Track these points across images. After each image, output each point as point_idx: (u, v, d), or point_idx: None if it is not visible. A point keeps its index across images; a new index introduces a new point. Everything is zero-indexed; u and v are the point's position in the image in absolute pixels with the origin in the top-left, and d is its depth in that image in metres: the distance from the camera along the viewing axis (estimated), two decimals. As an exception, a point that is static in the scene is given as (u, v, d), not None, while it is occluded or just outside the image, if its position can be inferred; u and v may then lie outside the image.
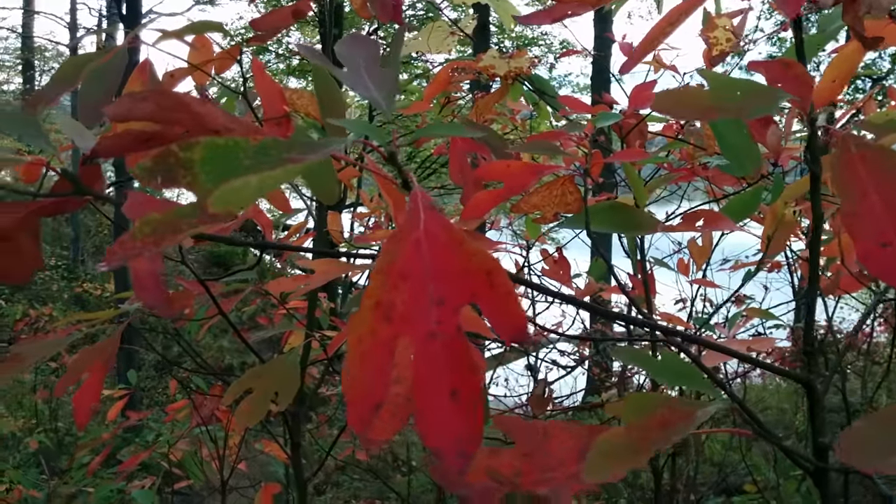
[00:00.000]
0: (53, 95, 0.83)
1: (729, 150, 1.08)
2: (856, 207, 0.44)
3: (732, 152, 1.09)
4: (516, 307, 0.40)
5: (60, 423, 5.37)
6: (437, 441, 0.38)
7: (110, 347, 0.84)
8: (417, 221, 0.43)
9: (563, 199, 1.06)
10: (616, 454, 0.42)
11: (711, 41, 1.15)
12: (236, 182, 0.35)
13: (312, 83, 0.92)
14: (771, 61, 0.57)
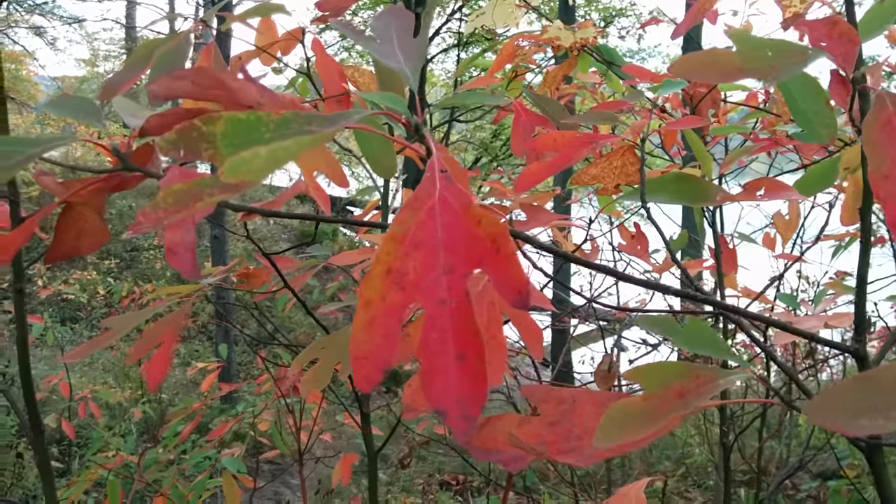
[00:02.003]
0: (127, 79, 0.87)
1: (801, 117, 1.03)
2: (890, 170, 0.42)
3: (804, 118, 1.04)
4: (519, 271, 0.40)
5: (164, 395, 5.67)
6: (443, 403, 0.39)
7: (179, 320, 0.88)
8: (433, 190, 0.44)
9: (625, 171, 1.05)
10: (630, 421, 0.42)
11: (784, 3, 1.10)
12: (247, 153, 0.37)
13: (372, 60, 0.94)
14: (816, 20, 0.55)
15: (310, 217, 0.80)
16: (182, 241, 0.45)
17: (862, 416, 0.25)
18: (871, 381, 0.26)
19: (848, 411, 0.25)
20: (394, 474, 4.49)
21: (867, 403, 0.25)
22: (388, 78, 0.96)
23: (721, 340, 0.50)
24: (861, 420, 0.25)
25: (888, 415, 0.24)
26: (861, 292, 0.62)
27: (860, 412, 0.25)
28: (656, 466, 4.66)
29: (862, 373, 0.27)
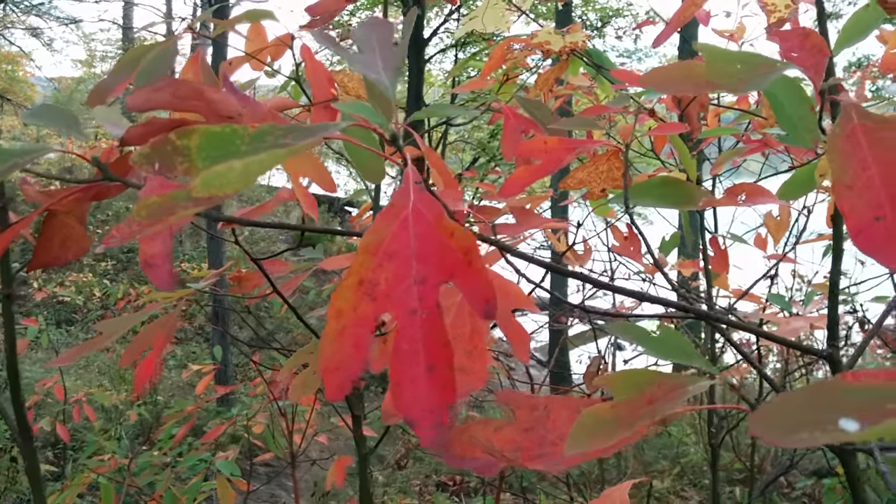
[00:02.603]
0: (114, 86, 0.88)
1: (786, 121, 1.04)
2: (853, 180, 0.43)
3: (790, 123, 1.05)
4: (488, 283, 0.41)
5: (159, 397, 5.67)
6: (413, 412, 0.39)
7: (170, 323, 0.89)
8: (407, 201, 0.45)
9: (611, 175, 1.05)
10: (600, 428, 0.43)
11: (768, 8, 1.11)
12: (220, 167, 0.38)
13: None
14: (788, 31, 0.56)
15: (292, 227, 0.80)
16: (159, 252, 0.45)
17: (801, 430, 0.25)
18: (809, 396, 0.27)
19: (788, 424, 0.26)
20: (390, 475, 4.49)
21: (807, 417, 0.26)
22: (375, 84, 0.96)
23: (691, 347, 0.51)
24: (800, 433, 0.25)
25: (826, 428, 0.25)
26: (833, 298, 0.63)
27: (799, 425, 0.25)
28: (653, 466, 4.67)
29: (802, 388, 0.28)
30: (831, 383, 0.27)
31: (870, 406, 0.26)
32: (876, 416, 0.25)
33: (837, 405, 0.26)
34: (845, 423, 0.25)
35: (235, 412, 2.65)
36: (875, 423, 0.25)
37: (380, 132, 0.51)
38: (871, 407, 0.26)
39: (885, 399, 0.26)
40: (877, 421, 0.25)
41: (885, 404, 0.26)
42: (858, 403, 0.26)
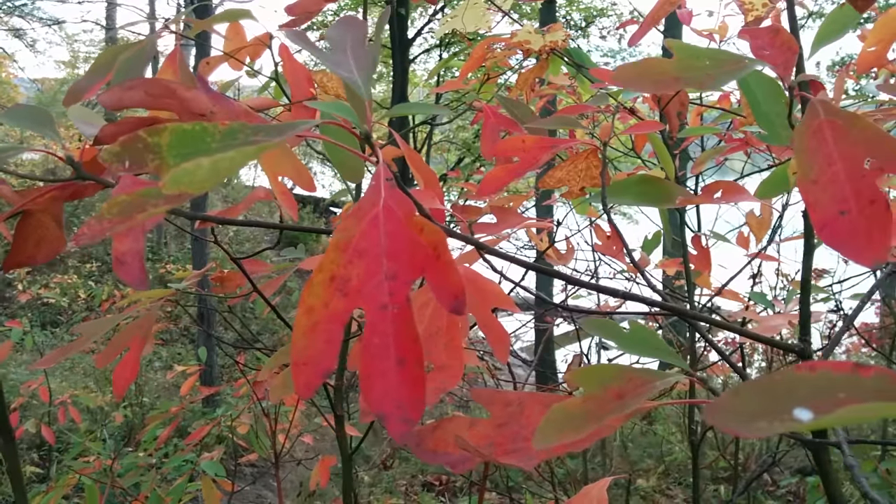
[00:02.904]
0: (91, 86, 0.88)
1: (763, 118, 1.05)
2: (818, 175, 0.43)
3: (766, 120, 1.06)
4: (457, 278, 0.41)
5: (145, 399, 5.64)
6: (383, 406, 0.39)
7: (147, 324, 0.88)
8: (378, 198, 0.45)
9: (589, 173, 1.06)
10: (569, 422, 0.43)
11: (746, 7, 1.12)
12: (189, 164, 0.38)
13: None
14: (758, 28, 0.56)
15: (271, 225, 0.80)
16: (130, 250, 0.45)
17: (759, 419, 0.26)
18: (765, 387, 0.27)
19: (746, 414, 0.26)
20: (376, 475, 4.49)
21: (764, 407, 0.26)
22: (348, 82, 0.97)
23: (662, 343, 0.51)
24: (758, 423, 0.26)
25: (782, 417, 0.25)
26: (805, 293, 0.63)
27: (757, 415, 0.26)
28: (638, 464, 4.69)
29: (759, 378, 0.28)
30: (787, 374, 0.28)
31: (824, 396, 0.27)
32: (829, 405, 0.26)
33: (793, 395, 0.27)
34: (799, 413, 0.26)
35: (220, 413, 2.64)
36: (827, 412, 0.25)
37: (353, 130, 0.52)
38: (825, 396, 0.26)
39: (838, 389, 0.27)
40: (829, 410, 0.25)
41: (838, 394, 0.26)
42: (813, 393, 0.27)
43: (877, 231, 0.40)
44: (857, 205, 0.41)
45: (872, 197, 0.41)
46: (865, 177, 0.42)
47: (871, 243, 0.40)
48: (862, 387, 0.26)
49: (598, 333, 0.57)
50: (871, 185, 0.42)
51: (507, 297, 0.95)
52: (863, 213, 0.41)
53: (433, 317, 0.70)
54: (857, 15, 1.06)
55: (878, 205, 0.41)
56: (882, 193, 0.41)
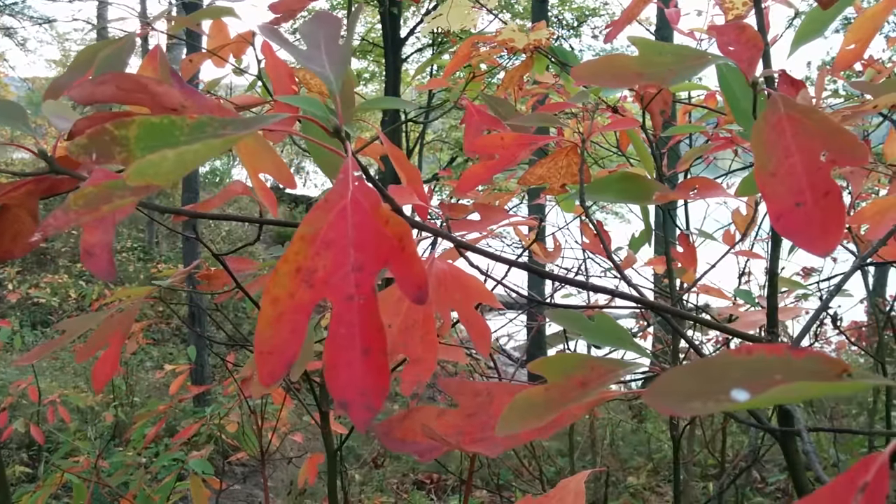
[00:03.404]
0: (71, 82, 0.88)
1: (741, 115, 1.06)
2: (776, 168, 0.44)
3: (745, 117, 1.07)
4: (420, 268, 0.42)
5: (136, 398, 5.63)
6: (347, 395, 0.40)
7: (127, 320, 0.89)
8: (346, 191, 0.46)
9: (570, 170, 1.07)
10: (532, 410, 0.44)
11: (726, 6, 1.13)
12: (154, 156, 0.38)
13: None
14: (725, 25, 0.57)
15: (249, 219, 0.81)
16: (99, 242, 0.46)
17: (694, 400, 0.27)
18: (702, 369, 0.28)
19: (681, 395, 0.27)
20: (367, 474, 4.50)
21: (698, 388, 0.27)
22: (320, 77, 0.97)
23: (626, 333, 0.52)
24: (693, 403, 0.26)
25: (717, 398, 0.26)
26: (772, 286, 0.64)
27: (693, 395, 0.27)
28: (628, 462, 4.71)
29: (695, 361, 0.29)
30: (722, 357, 0.28)
31: (759, 377, 0.27)
32: (763, 386, 0.26)
33: (728, 377, 0.27)
34: (736, 394, 0.27)
35: (209, 412, 2.64)
36: (761, 391, 0.26)
37: (322, 125, 0.52)
38: (760, 378, 0.27)
39: (773, 370, 0.27)
40: (763, 390, 0.26)
41: (774, 375, 0.27)
42: (748, 375, 0.27)
43: (830, 222, 0.41)
44: (812, 196, 0.42)
45: (827, 189, 0.42)
46: (821, 169, 0.43)
47: (824, 234, 0.41)
48: (795, 368, 0.27)
49: (563, 324, 0.57)
50: (826, 177, 0.43)
51: (489, 293, 0.96)
52: (817, 204, 0.42)
53: (409, 310, 0.71)
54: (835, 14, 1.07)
55: (831, 196, 0.41)
56: (836, 185, 0.42)
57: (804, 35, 1.09)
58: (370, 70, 13.94)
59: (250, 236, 11.72)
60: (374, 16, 12.95)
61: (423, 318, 0.69)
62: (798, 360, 0.28)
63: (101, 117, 0.54)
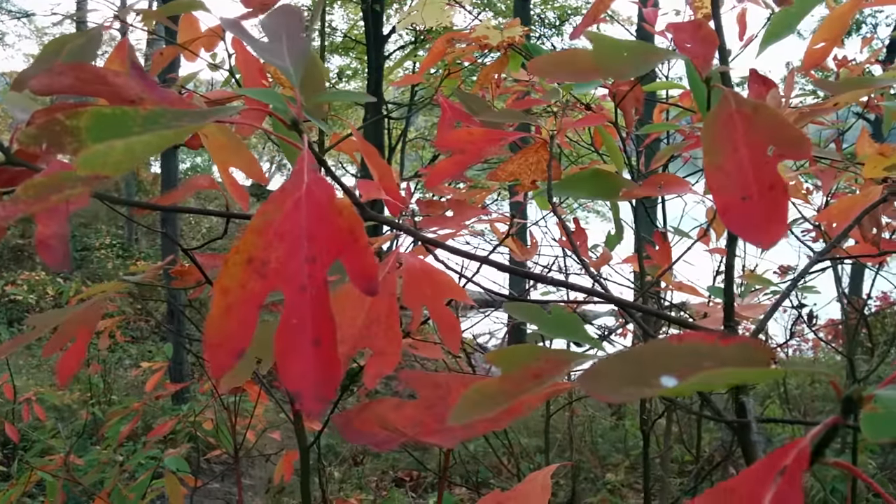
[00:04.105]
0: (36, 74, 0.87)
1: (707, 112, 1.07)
2: (724, 161, 0.45)
3: (712, 116, 1.08)
4: (371, 260, 0.42)
5: (114, 396, 5.59)
6: (298, 385, 0.40)
7: (92, 315, 0.88)
8: (301, 183, 0.46)
9: (540, 167, 1.07)
10: (484, 400, 0.44)
11: (696, 4, 1.14)
12: (102, 146, 0.38)
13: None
14: (682, 22, 0.58)
15: (215, 213, 0.80)
16: (54, 234, 0.46)
17: (627, 385, 0.27)
18: (634, 356, 0.29)
19: (614, 381, 0.27)
20: (347, 471, 4.49)
21: (630, 374, 0.27)
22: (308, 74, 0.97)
23: (581, 325, 0.52)
24: (626, 388, 0.27)
25: (648, 383, 0.27)
26: (728, 279, 0.65)
27: (625, 381, 0.27)
28: (607, 459, 4.74)
29: (626, 349, 0.29)
30: (655, 345, 0.29)
31: (689, 364, 0.28)
32: (692, 372, 0.27)
33: (660, 364, 0.28)
34: (666, 380, 0.27)
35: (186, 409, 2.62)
36: (688, 377, 0.26)
37: (280, 118, 0.52)
38: (691, 364, 0.28)
39: (704, 357, 0.28)
40: (691, 376, 0.26)
41: (704, 362, 0.28)
42: (679, 362, 0.28)
43: (775, 215, 0.42)
44: (758, 190, 0.43)
45: (772, 182, 0.43)
46: (768, 163, 0.44)
47: (768, 226, 0.41)
48: (724, 355, 0.28)
49: (520, 317, 0.58)
50: (773, 171, 0.43)
51: (460, 289, 0.97)
52: (763, 197, 0.42)
53: (374, 305, 0.71)
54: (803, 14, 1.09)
55: (776, 190, 0.42)
56: (781, 179, 0.42)
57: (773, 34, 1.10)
58: (353, 67, 13.91)
59: (232, 232, 11.66)
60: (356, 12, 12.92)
61: (387, 312, 0.70)
62: (727, 348, 0.28)
63: (61, 108, 0.54)
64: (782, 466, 0.24)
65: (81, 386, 5.92)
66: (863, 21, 10.10)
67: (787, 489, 0.24)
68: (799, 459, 0.24)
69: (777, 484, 0.24)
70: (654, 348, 0.29)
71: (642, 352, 0.29)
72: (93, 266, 9.66)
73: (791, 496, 0.23)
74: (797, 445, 0.25)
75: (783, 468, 0.24)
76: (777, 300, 0.66)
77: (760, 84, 1.22)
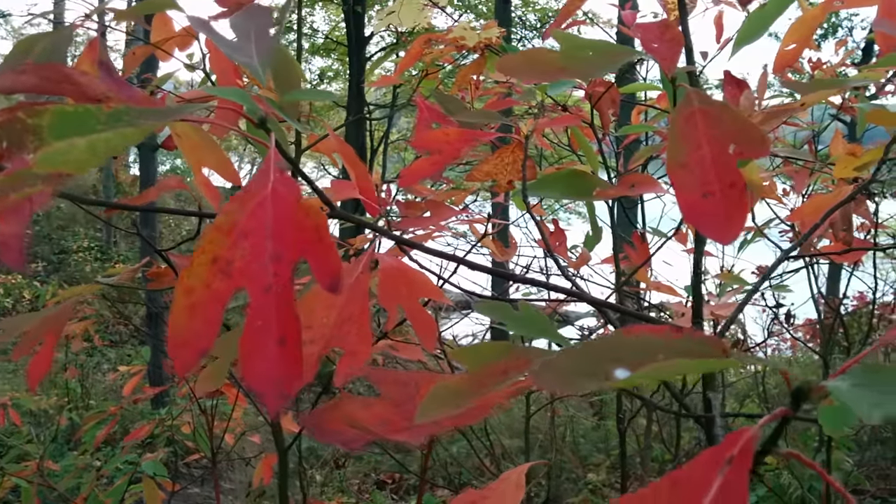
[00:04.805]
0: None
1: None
2: (687, 159, 0.45)
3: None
4: (335, 257, 0.42)
5: (92, 401, 5.53)
6: (262, 384, 0.40)
7: (61, 318, 0.88)
8: (267, 182, 0.46)
9: (516, 167, 1.08)
10: (451, 397, 0.44)
11: (668, 6, 1.15)
12: (62, 144, 0.38)
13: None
14: (650, 23, 0.58)
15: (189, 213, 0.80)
16: (13, 233, 0.45)
17: (580, 378, 0.27)
18: (588, 349, 0.29)
19: (567, 374, 0.28)
20: (328, 474, 4.48)
21: (585, 367, 0.28)
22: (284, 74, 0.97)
23: (551, 325, 0.53)
24: (579, 381, 0.27)
25: (598, 376, 0.27)
26: (697, 278, 0.66)
27: (575, 374, 0.27)
28: (588, 459, 4.76)
29: (578, 343, 0.30)
30: (608, 338, 0.29)
31: (642, 356, 0.28)
32: (644, 363, 0.27)
33: (612, 356, 0.28)
34: (618, 372, 0.27)
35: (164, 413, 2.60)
36: (639, 368, 0.27)
37: (247, 116, 0.52)
38: (643, 357, 0.28)
39: (657, 350, 0.28)
40: (641, 366, 0.27)
41: (656, 354, 0.28)
42: (632, 354, 0.28)
43: (735, 212, 0.42)
44: (720, 188, 0.43)
45: (733, 180, 0.43)
46: (729, 161, 0.44)
47: (729, 223, 0.42)
48: (676, 348, 0.28)
49: (489, 315, 0.58)
50: (733, 169, 0.44)
51: (436, 288, 0.97)
52: (724, 195, 0.43)
53: (346, 304, 0.71)
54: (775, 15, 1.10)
55: (737, 187, 0.43)
56: (741, 177, 0.43)
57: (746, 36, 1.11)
58: (334, 68, 13.88)
59: (212, 236, 11.57)
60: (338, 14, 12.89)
61: (359, 311, 0.70)
62: (678, 341, 0.29)
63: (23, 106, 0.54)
64: (729, 456, 0.25)
65: (59, 391, 5.86)
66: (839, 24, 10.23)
67: (734, 478, 0.24)
68: (745, 449, 0.25)
69: (724, 473, 0.24)
70: (607, 342, 0.29)
71: (596, 345, 0.29)
72: (70, 269, 9.57)
73: (737, 485, 0.24)
74: (744, 436, 0.25)
75: (730, 458, 0.25)
76: (744, 298, 0.67)
77: (734, 85, 1.24)
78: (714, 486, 0.24)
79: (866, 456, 4.49)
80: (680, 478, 0.25)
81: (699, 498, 0.24)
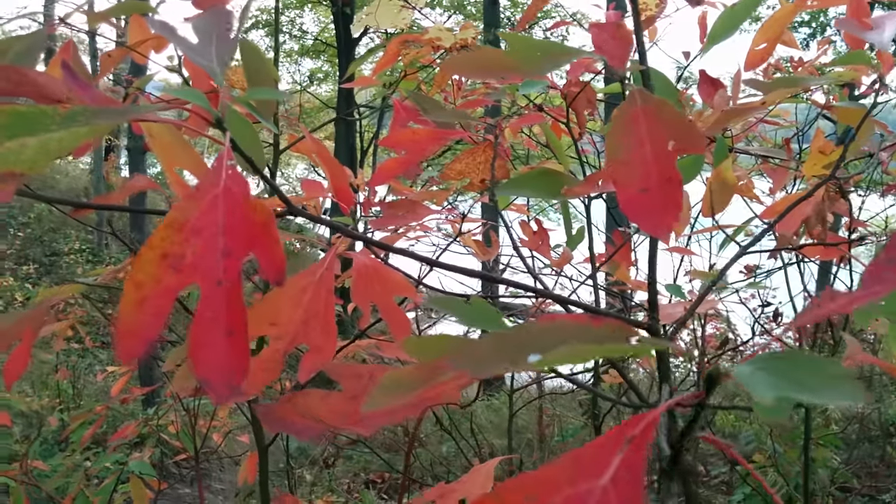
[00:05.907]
0: (-18, 77, 0.87)
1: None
2: (628, 156, 0.47)
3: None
4: (280, 254, 0.43)
5: (82, 402, 5.52)
6: (210, 374, 0.41)
7: (39, 317, 0.88)
8: (219, 179, 0.47)
9: (487, 166, 1.09)
10: (398, 387, 0.46)
11: (641, 7, 1.16)
12: (12, 143, 0.39)
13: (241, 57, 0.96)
14: (603, 23, 0.60)
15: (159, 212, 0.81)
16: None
17: (496, 363, 0.29)
18: (509, 336, 0.30)
19: (485, 359, 0.29)
20: (318, 474, 4.48)
21: (503, 353, 0.29)
22: (257, 75, 0.98)
23: (498, 316, 0.54)
24: (495, 365, 0.29)
25: (516, 361, 0.28)
26: (652, 274, 0.67)
27: (490, 360, 0.29)
28: (578, 458, 4.77)
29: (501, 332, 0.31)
30: (528, 326, 0.31)
31: (559, 343, 0.30)
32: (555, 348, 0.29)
33: (530, 342, 0.30)
34: (531, 357, 0.29)
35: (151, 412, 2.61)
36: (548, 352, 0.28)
37: (203, 116, 0.53)
38: (560, 343, 0.29)
39: (572, 336, 0.30)
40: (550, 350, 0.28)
41: (570, 340, 0.29)
42: (549, 340, 0.30)
43: (670, 206, 0.44)
44: (657, 183, 0.45)
45: (669, 175, 0.45)
46: (668, 157, 0.46)
47: (664, 217, 0.43)
48: (591, 334, 0.30)
49: (441, 308, 0.59)
50: (671, 165, 0.45)
51: (409, 286, 0.98)
52: (661, 189, 0.44)
53: (311, 301, 0.72)
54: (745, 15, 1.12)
55: (672, 182, 0.44)
56: (678, 173, 0.44)
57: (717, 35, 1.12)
58: (324, 70, 13.88)
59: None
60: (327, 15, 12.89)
61: (323, 308, 0.71)
62: (597, 328, 0.30)
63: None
64: (630, 436, 0.26)
65: (50, 392, 5.85)
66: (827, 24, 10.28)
67: (632, 456, 0.25)
68: (646, 430, 0.26)
69: (623, 451, 0.26)
70: (528, 329, 0.30)
71: (517, 332, 0.30)
72: (62, 271, 9.55)
73: (634, 462, 0.25)
74: (646, 418, 0.27)
75: (631, 437, 0.26)
76: (701, 294, 0.68)
77: (709, 85, 1.25)
78: (613, 464, 0.25)
79: (854, 454, 4.52)
80: (582, 455, 0.26)
81: (598, 475, 0.25)
